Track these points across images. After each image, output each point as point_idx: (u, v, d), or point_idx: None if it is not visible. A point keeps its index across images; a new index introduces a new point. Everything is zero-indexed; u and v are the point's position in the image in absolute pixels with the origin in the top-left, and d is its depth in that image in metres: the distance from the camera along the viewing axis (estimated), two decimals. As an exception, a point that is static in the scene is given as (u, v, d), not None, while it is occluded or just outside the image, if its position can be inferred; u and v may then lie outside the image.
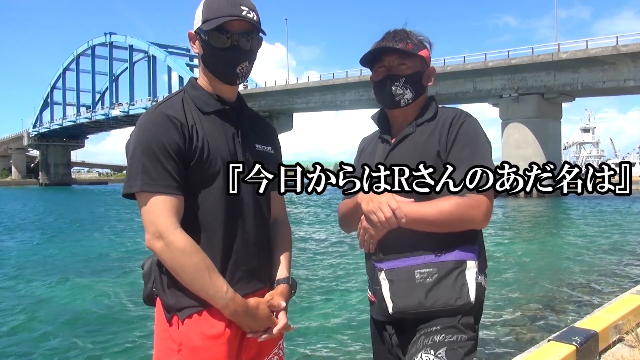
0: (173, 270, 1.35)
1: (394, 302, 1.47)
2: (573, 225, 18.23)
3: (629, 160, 63.08)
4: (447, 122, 1.53)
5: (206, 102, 1.46)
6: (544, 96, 35.72)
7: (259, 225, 1.50)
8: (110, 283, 9.66)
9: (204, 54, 1.46)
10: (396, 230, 1.48)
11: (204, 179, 1.39)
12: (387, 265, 1.51)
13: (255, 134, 1.56)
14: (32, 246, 15.11)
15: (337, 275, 10.09)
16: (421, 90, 1.63)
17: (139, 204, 1.36)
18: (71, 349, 6.11)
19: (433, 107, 1.62)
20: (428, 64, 1.65)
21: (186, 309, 1.38)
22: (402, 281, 1.47)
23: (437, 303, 1.44)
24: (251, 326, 1.41)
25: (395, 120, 1.66)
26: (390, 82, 1.58)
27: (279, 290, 1.51)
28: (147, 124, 1.37)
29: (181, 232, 1.34)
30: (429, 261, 1.47)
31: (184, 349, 1.36)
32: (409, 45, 1.58)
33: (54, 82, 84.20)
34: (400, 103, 1.60)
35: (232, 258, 1.43)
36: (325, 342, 6.14)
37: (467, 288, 1.45)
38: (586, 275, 9.77)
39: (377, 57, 1.62)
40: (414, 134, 1.57)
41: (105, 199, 43.23)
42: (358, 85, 44.19)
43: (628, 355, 3.20)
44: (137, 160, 1.33)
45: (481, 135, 1.53)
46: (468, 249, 1.49)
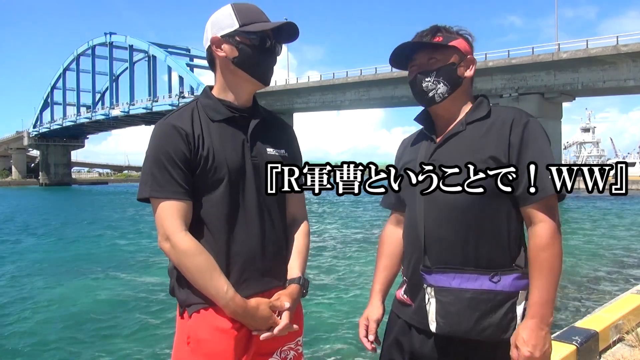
0: (179, 269, 1.45)
1: (438, 324, 1.41)
2: (573, 225, 18.23)
3: (629, 160, 62.69)
4: (507, 124, 1.42)
5: (216, 110, 1.53)
6: (544, 96, 35.72)
7: (267, 227, 1.54)
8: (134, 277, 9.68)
9: (242, 55, 1.51)
10: (439, 236, 1.44)
11: (209, 185, 1.47)
12: (437, 282, 1.42)
13: (268, 139, 1.59)
14: (50, 246, 15.12)
15: (346, 273, 10.10)
16: (457, 82, 1.50)
17: (152, 208, 1.46)
18: (83, 344, 6.14)
19: (485, 105, 1.51)
20: (465, 54, 1.52)
21: (194, 305, 1.46)
22: (452, 305, 1.39)
23: (485, 333, 1.37)
24: (252, 325, 1.45)
25: (439, 118, 1.55)
26: (420, 79, 1.50)
27: (288, 290, 1.54)
28: (156, 134, 1.48)
29: (185, 235, 1.42)
30: (486, 288, 1.38)
31: (192, 341, 1.45)
32: (438, 38, 1.49)
33: (54, 82, 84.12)
34: (435, 98, 1.50)
35: (238, 259, 1.48)
36: (333, 339, 6.15)
37: (515, 322, 1.38)
38: (586, 275, 9.78)
39: (408, 57, 1.54)
40: (463, 132, 1.47)
41: (118, 199, 43.22)
42: (358, 85, 44.20)
43: (628, 354, 3.21)
44: (148, 169, 1.46)
45: (545, 137, 1.44)
46: (522, 277, 1.40)
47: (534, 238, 1.38)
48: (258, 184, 1.52)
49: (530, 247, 1.39)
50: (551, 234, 1.37)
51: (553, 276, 1.36)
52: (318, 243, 14.37)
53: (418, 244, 1.50)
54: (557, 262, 1.37)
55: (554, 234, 1.38)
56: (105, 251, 13.88)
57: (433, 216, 1.47)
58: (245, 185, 1.50)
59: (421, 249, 1.49)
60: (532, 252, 1.38)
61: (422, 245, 1.48)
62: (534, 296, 1.35)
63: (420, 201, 1.49)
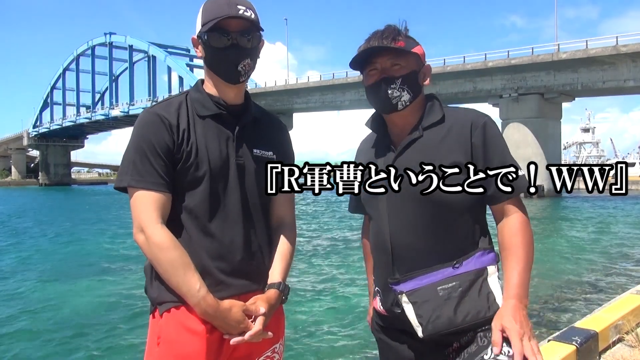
0: (152, 263, 1.41)
1: (422, 326, 1.39)
2: (573, 225, 18.23)
3: (629, 160, 62.66)
4: (467, 127, 1.44)
5: (204, 105, 1.49)
6: (543, 96, 35.72)
7: (249, 229, 1.49)
8: (115, 281, 9.66)
9: (207, 56, 1.48)
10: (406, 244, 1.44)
11: (191, 181, 1.43)
12: (407, 287, 1.42)
13: (256, 139, 1.54)
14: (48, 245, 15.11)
15: (333, 275, 10.09)
16: (418, 90, 1.51)
17: (129, 198, 1.41)
18: (77, 344, 6.13)
19: (437, 109, 1.51)
20: (423, 62, 1.53)
21: (166, 303, 1.41)
22: (426, 302, 1.39)
23: (467, 318, 1.37)
24: (223, 327, 1.39)
25: (394, 124, 1.54)
26: (385, 85, 1.46)
27: (266, 295, 1.47)
28: (140, 122, 1.44)
29: (161, 228, 1.37)
30: (449, 275, 1.40)
31: (162, 342, 1.40)
32: (400, 43, 1.45)
33: (54, 82, 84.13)
34: (398, 106, 1.48)
35: (213, 259, 1.43)
36: (322, 341, 6.14)
37: (493, 296, 1.39)
38: (586, 275, 9.78)
39: (367, 59, 1.49)
40: (421, 139, 1.47)
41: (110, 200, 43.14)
42: (358, 85, 44.13)
43: (628, 355, 3.20)
44: (129, 157, 1.41)
45: (501, 135, 1.50)
46: (485, 253, 1.42)
47: (506, 227, 1.42)
48: (242, 184, 1.48)
49: (503, 235, 1.43)
50: (522, 221, 1.42)
51: (527, 258, 1.39)
52: (306, 244, 14.36)
53: (385, 256, 1.50)
54: (529, 245, 1.40)
55: (525, 221, 1.43)
56: (108, 251, 13.87)
57: (398, 225, 1.46)
58: (227, 185, 1.46)
59: (389, 260, 1.48)
60: (505, 239, 1.42)
61: (390, 256, 1.48)
62: (511, 279, 1.37)
63: (384, 211, 1.48)
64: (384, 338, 1.60)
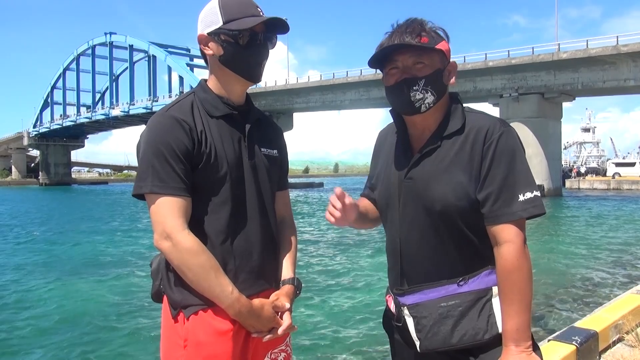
0: (180, 269, 1.38)
1: (420, 341, 1.39)
2: (573, 225, 18.23)
3: (629, 160, 62.42)
4: (481, 136, 1.34)
5: (215, 106, 1.49)
6: (544, 96, 35.67)
7: (264, 227, 1.52)
8: (118, 281, 9.66)
9: (227, 54, 1.46)
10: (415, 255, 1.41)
11: (210, 183, 1.43)
12: (410, 300, 1.41)
13: (261, 138, 1.57)
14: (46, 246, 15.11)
15: (340, 271, 10.09)
16: (443, 91, 1.40)
17: (148, 204, 1.40)
18: (76, 347, 6.13)
19: (459, 114, 1.40)
20: (448, 59, 1.40)
21: (192, 307, 1.41)
22: (425, 318, 1.37)
23: (464, 338, 1.33)
24: (255, 326, 1.42)
25: (413, 125, 1.45)
26: (408, 87, 1.35)
27: (284, 291, 1.52)
28: (157, 126, 1.41)
29: (188, 233, 1.37)
30: (452, 292, 1.35)
31: (190, 345, 1.40)
32: (424, 39, 1.33)
33: (54, 82, 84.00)
34: (421, 109, 1.37)
35: (236, 259, 1.45)
36: (333, 336, 6.15)
37: (494, 318, 1.33)
38: (586, 275, 9.78)
39: (387, 57, 1.39)
40: (439, 149, 1.38)
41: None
42: (358, 85, 44.14)
43: (628, 355, 3.21)
44: (147, 162, 1.37)
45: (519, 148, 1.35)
46: (493, 272, 1.35)
47: (500, 259, 1.32)
48: (256, 184, 1.50)
49: (498, 269, 1.33)
50: (518, 255, 1.30)
51: (524, 299, 1.30)
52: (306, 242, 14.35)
53: (396, 264, 1.48)
54: (526, 284, 1.30)
55: (520, 254, 1.30)
56: (111, 250, 13.87)
57: (408, 235, 1.43)
58: (245, 185, 1.48)
59: (398, 270, 1.46)
60: (500, 274, 1.33)
61: (399, 265, 1.46)
62: (508, 323, 1.29)
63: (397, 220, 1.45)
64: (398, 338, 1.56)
